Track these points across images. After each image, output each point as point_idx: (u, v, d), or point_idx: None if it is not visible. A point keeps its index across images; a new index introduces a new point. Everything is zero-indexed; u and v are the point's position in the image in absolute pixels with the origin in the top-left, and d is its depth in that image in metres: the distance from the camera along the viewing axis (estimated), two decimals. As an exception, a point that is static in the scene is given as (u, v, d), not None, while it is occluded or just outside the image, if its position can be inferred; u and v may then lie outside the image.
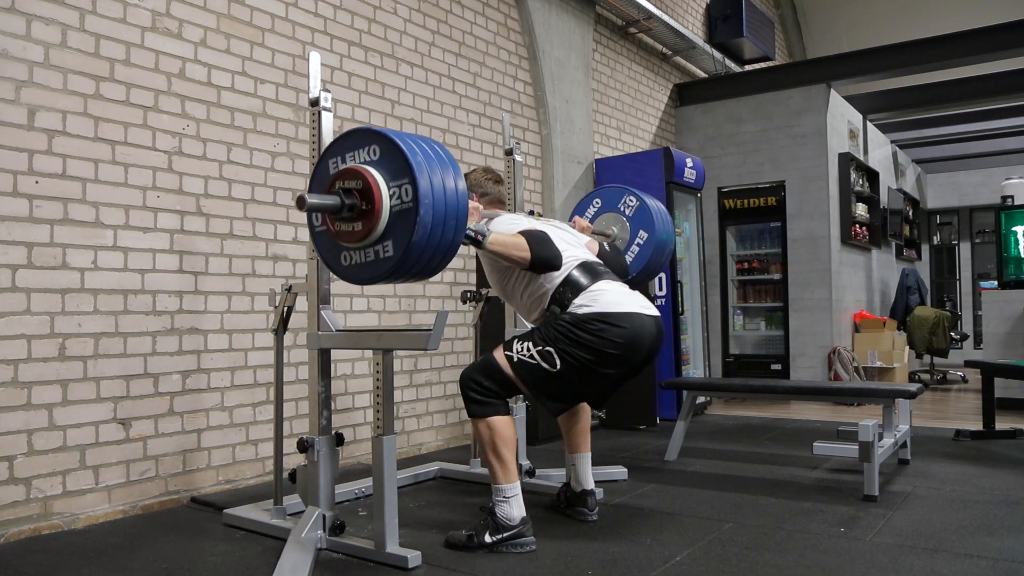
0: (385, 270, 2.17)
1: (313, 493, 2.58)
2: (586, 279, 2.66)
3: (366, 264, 2.22)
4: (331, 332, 2.61)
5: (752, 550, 2.48)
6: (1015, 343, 5.91)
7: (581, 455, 2.95)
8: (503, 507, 2.54)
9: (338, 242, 2.26)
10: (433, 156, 2.16)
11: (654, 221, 3.41)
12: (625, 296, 2.67)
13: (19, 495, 2.71)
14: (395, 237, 2.14)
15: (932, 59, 6.65)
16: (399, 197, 2.12)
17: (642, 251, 3.42)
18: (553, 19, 5.55)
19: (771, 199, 6.75)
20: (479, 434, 2.59)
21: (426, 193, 2.08)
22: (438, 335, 2.26)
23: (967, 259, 11.10)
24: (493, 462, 2.55)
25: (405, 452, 4.23)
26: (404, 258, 2.11)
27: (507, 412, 2.62)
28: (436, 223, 2.11)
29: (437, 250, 2.16)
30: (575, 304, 2.61)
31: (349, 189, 2.16)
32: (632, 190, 3.50)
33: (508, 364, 2.59)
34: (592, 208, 3.57)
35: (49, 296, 2.83)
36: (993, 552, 2.42)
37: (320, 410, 2.63)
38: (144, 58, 3.16)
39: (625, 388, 4.99)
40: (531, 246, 2.57)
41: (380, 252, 2.18)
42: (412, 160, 2.09)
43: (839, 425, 3.26)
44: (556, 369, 2.55)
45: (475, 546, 2.50)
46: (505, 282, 2.80)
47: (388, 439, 2.42)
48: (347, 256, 2.27)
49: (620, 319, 2.57)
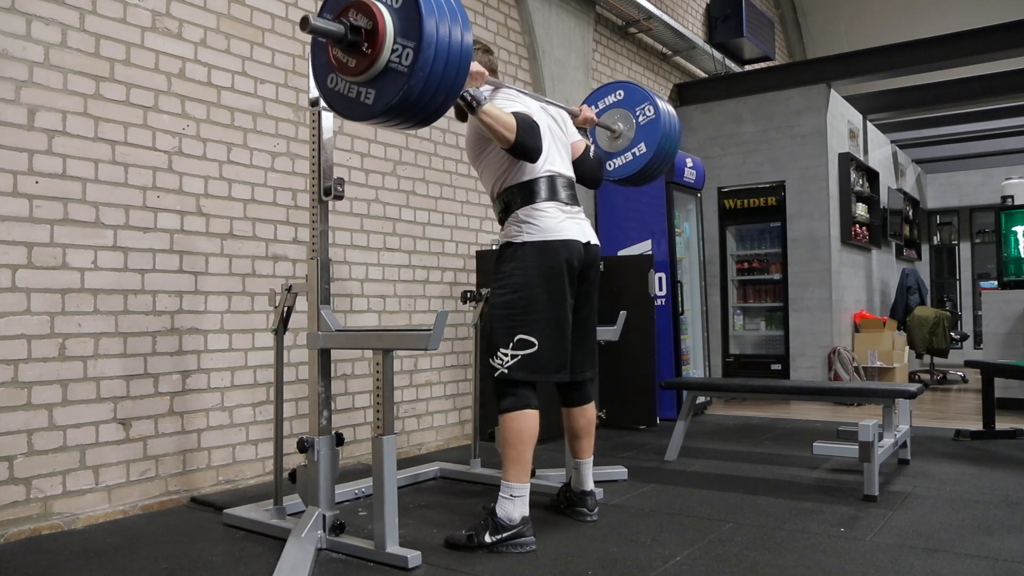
0: (360, 114, 2.18)
1: (313, 493, 2.58)
2: (544, 193, 2.71)
3: (345, 98, 2.21)
4: (331, 332, 2.60)
5: (752, 550, 2.48)
6: (1015, 343, 5.91)
7: (583, 461, 2.93)
8: (506, 505, 2.54)
9: (331, 62, 2.21)
10: (450, 33, 2.07)
11: (659, 140, 3.32)
12: (568, 222, 2.72)
13: (19, 495, 2.71)
14: (379, 90, 2.11)
15: (932, 59, 6.65)
16: (400, 56, 2.06)
17: (635, 160, 3.38)
18: (553, 19, 5.55)
19: (771, 199, 6.75)
20: (503, 426, 2.61)
21: (424, 67, 2.02)
22: (438, 335, 2.27)
23: (967, 259, 11.11)
24: (511, 457, 2.57)
25: (405, 452, 4.23)
26: (384, 112, 2.12)
27: (535, 406, 2.63)
28: (424, 96, 2.08)
29: (412, 116, 2.17)
30: (516, 215, 2.69)
31: (358, 27, 2.09)
32: (657, 102, 3.37)
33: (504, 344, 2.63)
34: (614, 97, 3.46)
35: (49, 296, 2.83)
36: (993, 552, 2.42)
37: (320, 410, 2.63)
38: (144, 58, 3.16)
39: (625, 388, 5.05)
40: (519, 130, 2.57)
41: (361, 95, 2.16)
42: (425, 25, 2.01)
43: (839, 425, 3.27)
44: (518, 299, 2.62)
45: (475, 546, 2.50)
46: (480, 151, 2.81)
47: (388, 439, 2.41)
48: (333, 80, 2.24)
49: (551, 247, 2.65)
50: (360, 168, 4.09)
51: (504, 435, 2.60)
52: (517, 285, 2.64)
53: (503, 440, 2.61)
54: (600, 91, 3.51)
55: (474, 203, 4.82)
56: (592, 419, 2.96)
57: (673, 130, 3.38)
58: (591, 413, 2.95)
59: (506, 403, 2.61)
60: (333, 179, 2.61)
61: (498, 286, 2.69)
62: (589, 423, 2.94)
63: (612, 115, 3.43)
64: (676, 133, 3.41)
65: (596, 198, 5.88)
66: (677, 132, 3.42)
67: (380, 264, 4.18)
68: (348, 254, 4.03)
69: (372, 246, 4.16)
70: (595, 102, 3.48)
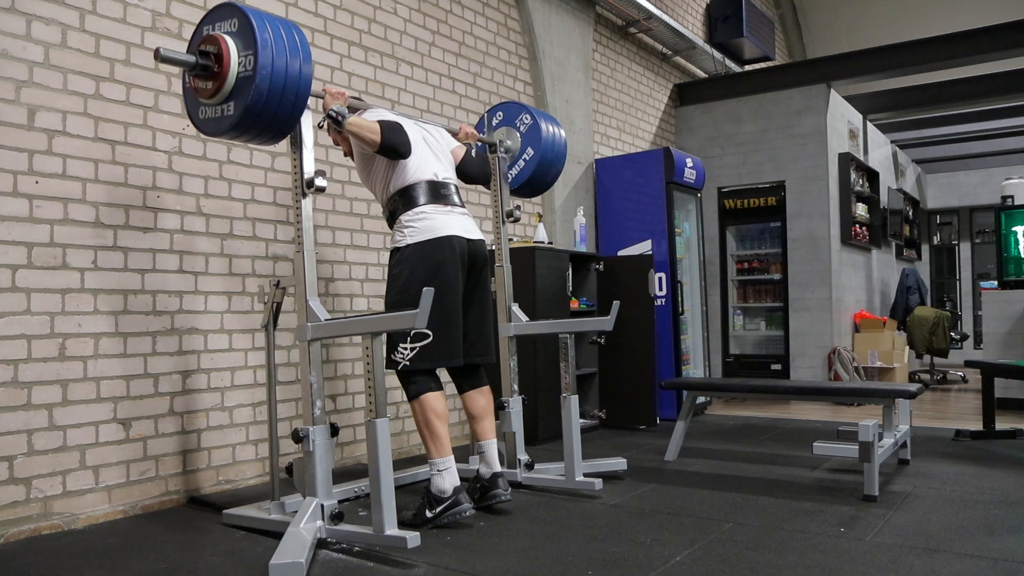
0: (227, 126, 2.51)
1: (310, 483, 2.60)
2: (423, 197, 2.92)
3: (214, 119, 2.57)
4: (320, 322, 2.63)
5: (752, 550, 2.48)
6: (1015, 343, 5.91)
7: (487, 442, 3.06)
8: (436, 480, 2.75)
9: (197, 97, 2.59)
10: (285, 38, 2.47)
11: (542, 140, 3.64)
12: (448, 219, 2.92)
13: (19, 495, 2.71)
14: (237, 99, 2.48)
15: (932, 59, 6.65)
16: (244, 66, 2.46)
17: (527, 165, 3.69)
18: (553, 19, 5.55)
19: (771, 199, 6.75)
20: (413, 413, 2.87)
21: (265, 64, 2.41)
22: (424, 313, 2.32)
23: (967, 259, 11.11)
24: (428, 436, 2.82)
25: (405, 452, 4.23)
26: (242, 119, 2.46)
27: (436, 388, 2.86)
28: (273, 91, 2.44)
29: (274, 118, 2.50)
30: (400, 221, 2.91)
31: (207, 52, 2.49)
32: (532, 110, 3.70)
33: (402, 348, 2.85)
34: (496, 119, 3.78)
35: (49, 296, 2.83)
36: (993, 552, 2.42)
37: (313, 400, 2.65)
38: (144, 58, 3.16)
39: (625, 388, 5.05)
40: (383, 131, 2.80)
41: (224, 111, 2.52)
42: (258, 34, 2.42)
43: (839, 425, 3.27)
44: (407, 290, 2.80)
45: (420, 523, 2.70)
46: (367, 169, 3.04)
47: (381, 422, 2.47)
48: (203, 110, 2.60)
49: (433, 244, 2.85)
50: (360, 168, 4.09)
51: (418, 419, 2.85)
52: (405, 284, 2.83)
53: (419, 424, 2.85)
54: (481, 121, 3.81)
55: (473, 203, 4.82)
56: (490, 400, 3.14)
57: (554, 130, 3.71)
58: (488, 395, 3.14)
59: (412, 390, 2.86)
60: (314, 171, 2.69)
61: (390, 288, 2.91)
62: (488, 403, 3.12)
63: (498, 135, 3.73)
64: (558, 135, 3.74)
65: (596, 198, 5.89)
66: (559, 134, 3.74)
67: (380, 264, 4.18)
68: (348, 254, 4.03)
69: (372, 246, 4.16)
70: (480, 130, 3.75)
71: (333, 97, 2.83)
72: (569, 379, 3.37)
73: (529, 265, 4.49)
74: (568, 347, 3.38)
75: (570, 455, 3.29)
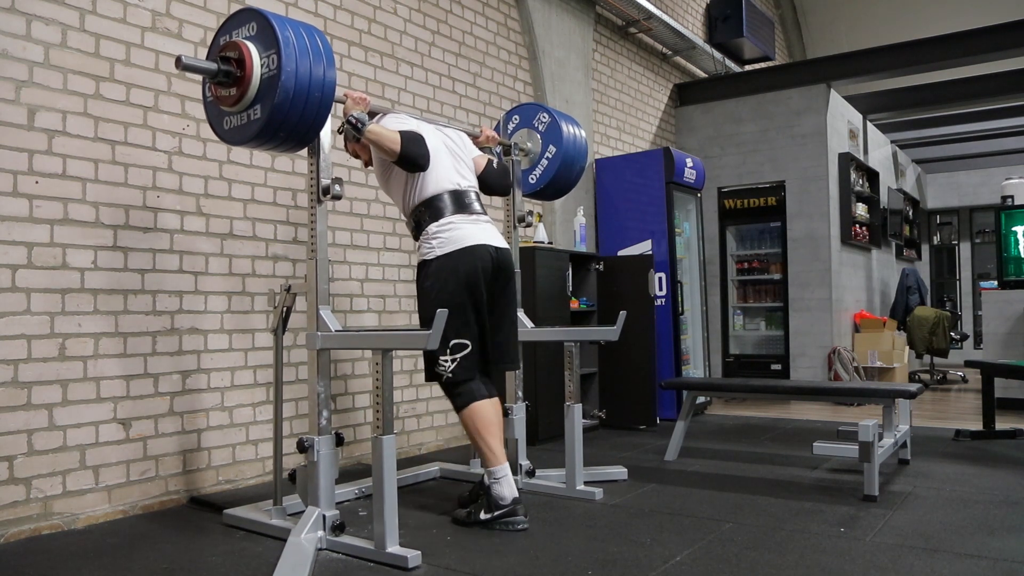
0: (254, 131, 2.46)
1: (313, 493, 2.58)
2: (449, 208, 2.87)
3: (240, 127, 2.52)
4: (330, 333, 2.61)
5: (752, 550, 2.48)
6: (1015, 343, 5.91)
7: None
8: (495, 488, 2.76)
9: (220, 107, 2.55)
10: (307, 39, 2.44)
11: (563, 137, 3.60)
12: (475, 229, 2.89)
13: (19, 495, 2.71)
14: (263, 101, 2.43)
15: (932, 59, 6.65)
16: (267, 65, 2.42)
17: (551, 163, 3.64)
18: (553, 19, 5.55)
19: (771, 199, 6.75)
20: (464, 424, 2.85)
21: (289, 59, 2.36)
22: (437, 335, 2.28)
23: (967, 259, 11.11)
24: (481, 447, 2.82)
25: (405, 452, 4.23)
26: (269, 121, 2.41)
27: (483, 395, 2.84)
28: (299, 90, 2.39)
29: (300, 120, 2.44)
30: (427, 232, 2.86)
31: (228, 58, 2.45)
32: (548, 108, 3.68)
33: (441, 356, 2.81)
34: (512, 123, 3.76)
35: (49, 296, 2.83)
36: (993, 552, 2.42)
37: (319, 410, 2.63)
38: (144, 58, 3.16)
39: (625, 388, 5.05)
40: (403, 141, 2.74)
41: (251, 115, 2.47)
42: (279, 33, 2.39)
43: (839, 425, 3.26)
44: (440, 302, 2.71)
45: (472, 522, 2.74)
46: (386, 176, 2.98)
47: (388, 439, 2.43)
48: (228, 120, 2.56)
49: (462, 255, 2.82)
50: (361, 168, 4.08)
51: (468, 429, 2.84)
52: (439, 297, 2.77)
53: (470, 433, 2.84)
54: (498, 125, 3.79)
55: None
56: (499, 410, 3.02)
57: (572, 128, 3.65)
58: (498, 406, 2.99)
59: (459, 402, 2.84)
60: (331, 178, 2.64)
61: (423, 304, 2.85)
62: (497, 412, 2.99)
63: (517, 138, 3.70)
64: (578, 132, 3.68)
65: (596, 198, 5.89)
66: (578, 132, 3.69)
67: (380, 264, 4.18)
68: (348, 254, 4.03)
69: (372, 246, 4.16)
70: (499, 129, 3.72)
71: (355, 102, 2.76)
72: (573, 387, 3.31)
73: (529, 265, 4.49)
74: (573, 355, 3.32)
75: (571, 464, 3.26)
